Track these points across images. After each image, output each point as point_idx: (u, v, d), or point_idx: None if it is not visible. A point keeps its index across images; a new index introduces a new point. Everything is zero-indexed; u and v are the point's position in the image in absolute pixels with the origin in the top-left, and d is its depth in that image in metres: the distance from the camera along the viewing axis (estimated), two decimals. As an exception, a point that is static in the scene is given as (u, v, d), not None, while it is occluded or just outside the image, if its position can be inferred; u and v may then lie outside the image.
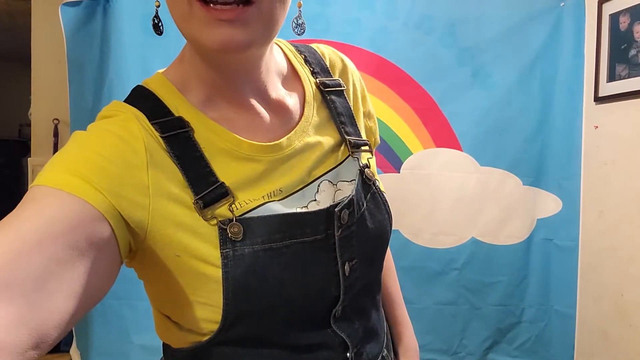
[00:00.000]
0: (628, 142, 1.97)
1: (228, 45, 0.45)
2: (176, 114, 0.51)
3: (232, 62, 0.51)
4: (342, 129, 0.60)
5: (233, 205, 0.49)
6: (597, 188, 2.12)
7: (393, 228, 0.65)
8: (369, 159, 0.63)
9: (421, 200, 2.05)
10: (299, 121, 0.57)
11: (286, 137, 0.55)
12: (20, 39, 3.89)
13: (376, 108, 2.16)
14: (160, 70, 0.57)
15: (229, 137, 0.51)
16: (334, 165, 0.58)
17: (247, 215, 0.50)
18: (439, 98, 2.12)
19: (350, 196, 0.55)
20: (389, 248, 0.69)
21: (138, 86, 0.54)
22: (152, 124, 0.49)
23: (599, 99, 2.11)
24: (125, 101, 0.53)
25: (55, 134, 2.41)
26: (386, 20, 2.05)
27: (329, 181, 0.57)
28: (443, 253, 2.13)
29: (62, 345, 2.34)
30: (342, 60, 0.65)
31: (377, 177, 0.62)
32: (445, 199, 2.11)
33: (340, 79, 0.63)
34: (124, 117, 0.50)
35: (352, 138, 0.60)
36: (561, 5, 2.18)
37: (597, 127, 2.14)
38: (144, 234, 0.47)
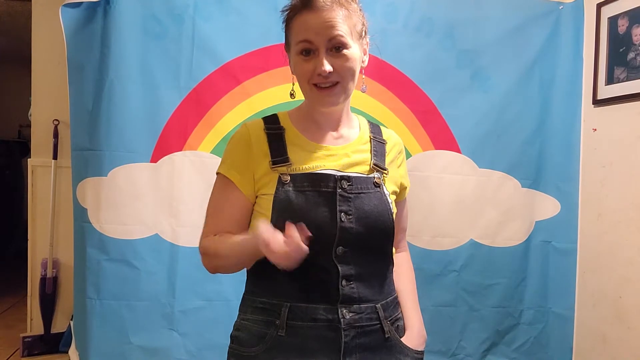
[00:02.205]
0: (626, 145, 1.98)
1: (330, 104, 0.93)
2: (281, 124, 0.97)
3: (327, 110, 0.95)
4: (373, 157, 0.97)
5: (290, 166, 0.91)
6: (595, 190, 2.13)
7: None
8: (386, 183, 0.97)
9: (420, 202, 2.05)
10: (346, 142, 0.97)
11: (332, 146, 0.95)
12: (20, 40, 3.90)
13: (375, 110, 2.18)
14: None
15: (300, 138, 0.95)
16: (359, 174, 0.93)
17: (294, 172, 0.90)
18: (438, 100, 2.12)
19: (352, 177, 0.92)
20: (408, 254, 1.11)
21: (274, 113, 1.01)
22: (265, 127, 0.96)
23: (597, 102, 2.11)
24: (263, 117, 0.99)
25: (55, 135, 2.41)
26: (385, 23, 2.05)
27: (348, 175, 0.92)
28: (442, 255, 2.14)
29: (61, 346, 2.35)
30: (396, 138, 1.07)
31: (389, 191, 0.96)
32: (444, 201, 2.12)
33: (386, 140, 1.03)
34: (250, 125, 0.97)
35: (375, 160, 0.97)
36: (560, 8, 2.19)
37: (595, 129, 2.14)
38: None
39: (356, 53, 0.90)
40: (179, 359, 1.93)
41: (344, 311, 0.87)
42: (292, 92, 1.03)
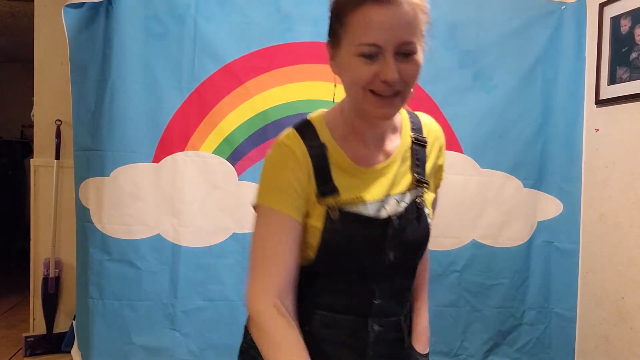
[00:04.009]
0: (629, 145, 1.97)
1: (386, 117, 0.82)
2: (321, 140, 0.84)
3: (377, 121, 0.84)
4: (414, 170, 0.90)
5: (337, 199, 0.82)
6: (597, 191, 2.12)
7: None
8: (426, 194, 0.91)
9: (422, 202, 2.05)
10: (389, 156, 0.88)
11: (378, 166, 0.86)
12: (23, 40, 3.91)
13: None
14: (323, 110, 0.89)
15: (346, 160, 0.84)
16: (402, 191, 0.88)
17: (343, 208, 0.82)
18: (440, 101, 2.12)
19: (402, 212, 0.86)
20: (428, 250, 1.02)
21: (306, 119, 0.87)
22: (305, 144, 0.82)
23: (599, 102, 2.11)
24: (294, 126, 0.86)
25: (58, 135, 2.41)
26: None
27: (396, 200, 0.87)
28: (444, 255, 2.13)
29: (63, 346, 2.35)
30: (436, 131, 0.98)
31: (429, 206, 0.91)
32: (446, 201, 2.11)
33: (427, 138, 0.93)
34: (291, 144, 0.83)
35: (417, 176, 0.89)
36: (562, 8, 2.18)
37: (597, 130, 2.14)
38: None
39: (421, 58, 0.78)
40: (181, 359, 1.94)
41: (374, 324, 0.87)
42: (333, 96, 0.91)
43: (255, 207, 0.83)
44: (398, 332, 0.92)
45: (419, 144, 0.92)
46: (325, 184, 0.81)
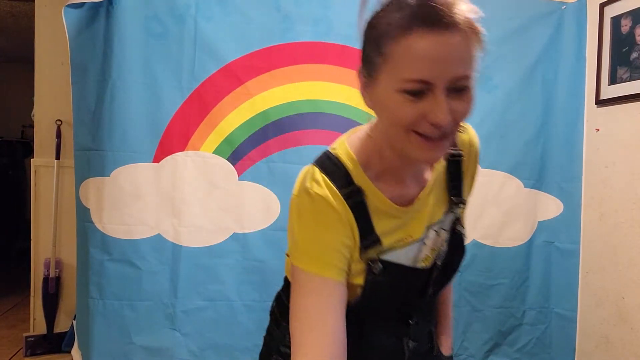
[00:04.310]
0: (629, 145, 1.97)
1: (433, 161, 0.74)
2: (357, 182, 0.73)
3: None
4: (450, 191, 0.83)
5: (379, 248, 0.75)
6: (598, 191, 2.12)
7: None
8: (462, 210, 0.87)
9: (422, 202, 2.05)
10: (425, 185, 0.79)
11: (416, 201, 0.77)
12: (23, 41, 3.91)
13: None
14: (345, 141, 0.77)
15: (386, 203, 0.75)
16: (440, 218, 0.82)
17: (385, 257, 0.75)
18: (441, 100, 2.11)
19: (444, 250, 0.83)
20: None
21: (331, 155, 0.76)
22: (340, 193, 0.71)
23: (600, 102, 2.11)
24: (318, 165, 0.75)
25: (58, 135, 2.41)
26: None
27: (435, 231, 0.82)
28: (444, 255, 2.13)
29: (63, 346, 2.36)
30: (471, 140, 0.86)
31: (464, 222, 0.87)
32: (447, 201, 2.11)
33: (461, 151, 0.84)
34: (326, 195, 0.71)
35: (454, 198, 0.84)
36: (562, 8, 2.18)
37: (598, 130, 2.14)
38: None
39: (474, 92, 0.66)
40: (181, 359, 1.94)
41: (409, 342, 0.86)
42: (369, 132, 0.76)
43: (293, 266, 0.73)
44: (430, 342, 0.93)
45: (454, 160, 0.83)
46: (368, 236, 0.73)
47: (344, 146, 0.76)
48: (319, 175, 0.72)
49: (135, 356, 1.91)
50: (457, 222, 0.85)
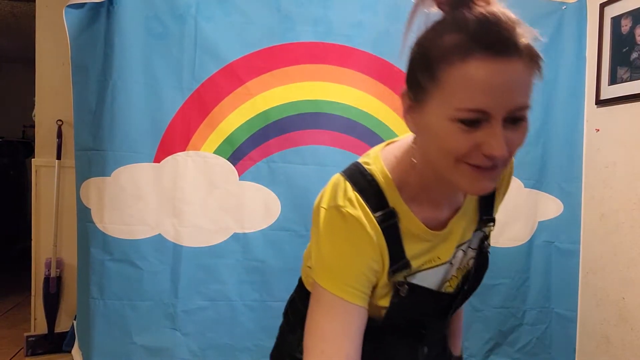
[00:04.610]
0: (629, 145, 1.97)
1: (483, 191, 0.64)
2: (391, 204, 0.70)
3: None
4: (481, 209, 0.81)
5: (407, 272, 0.72)
6: (598, 191, 2.12)
7: None
8: (491, 228, 0.85)
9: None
10: (459, 208, 0.77)
11: (449, 224, 0.75)
12: (24, 41, 3.92)
13: (378, 110, 2.17)
14: (379, 155, 0.73)
15: (419, 227, 0.72)
16: (469, 238, 0.80)
17: (412, 280, 0.74)
18: (441, 101, 2.11)
19: (470, 270, 0.82)
20: None
21: (364, 170, 0.71)
22: (374, 216, 0.68)
23: (600, 102, 2.11)
24: (350, 180, 0.70)
25: (59, 135, 2.41)
26: (388, 23, 2.05)
27: (463, 251, 0.80)
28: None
29: (64, 346, 2.36)
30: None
31: (490, 241, 0.85)
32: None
33: None
34: (359, 217, 0.68)
35: (485, 217, 0.81)
36: (562, 8, 2.18)
37: (598, 130, 2.14)
38: None
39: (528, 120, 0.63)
40: (182, 359, 1.94)
41: (424, 348, 0.86)
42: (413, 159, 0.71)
43: (314, 282, 0.71)
44: (443, 346, 0.93)
45: None
46: (398, 261, 0.71)
47: (379, 162, 0.72)
48: (351, 192, 0.69)
49: (136, 356, 1.91)
50: (485, 239, 0.82)
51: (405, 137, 0.75)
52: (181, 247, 1.94)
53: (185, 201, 1.94)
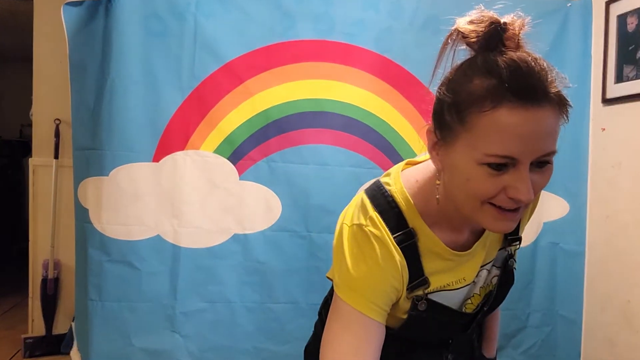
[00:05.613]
0: (636, 145, 1.95)
1: (506, 231, 0.66)
2: (410, 225, 0.72)
3: None
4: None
5: (426, 288, 0.74)
6: (604, 191, 2.10)
7: None
8: (517, 247, 0.86)
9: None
10: (482, 231, 0.78)
11: (472, 247, 0.76)
12: (22, 39, 3.88)
13: (380, 109, 2.15)
14: (400, 178, 0.75)
15: (440, 247, 0.73)
16: (494, 257, 0.81)
17: (432, 297, 0.75)
18: (445, 99, 2.09)
19: (493, 295, 0.82)
20: None
21: (385, 191, 0.74)
22: (393, 236, 0.70)
23: (606, 101, 2.08)
24: (371, 200, 0.73)
25: (57, 134, 2.39)
26: (391, 21, 2.02)
27: (487, 270, 0.81)
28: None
29: (62, 348, 2.33)
30: None
31: (515, 255, 0.85)
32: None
33: None
34: (382, 236, 0.70)
35: (510, 237, 0.82)
36: (568, 5, 2.16)
37: (604, 129, 2.11)
38: None
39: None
40: (181, 361, 1.92)
41: (448, 355, 0.86)
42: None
43: (336, 295, 0.73)
44: (470, 350, 0.93)
45: None
46: (416, 278, 0.73)
47: (400, 186, 0.74)
48: (372, 212, 0.71)
49: (135, 358, 1.89)
50: (510, 257, 0.83)
51: (426, 160, 0.76)
52: (180, 248, 1.92)
53: (184, 201, 1.92)
